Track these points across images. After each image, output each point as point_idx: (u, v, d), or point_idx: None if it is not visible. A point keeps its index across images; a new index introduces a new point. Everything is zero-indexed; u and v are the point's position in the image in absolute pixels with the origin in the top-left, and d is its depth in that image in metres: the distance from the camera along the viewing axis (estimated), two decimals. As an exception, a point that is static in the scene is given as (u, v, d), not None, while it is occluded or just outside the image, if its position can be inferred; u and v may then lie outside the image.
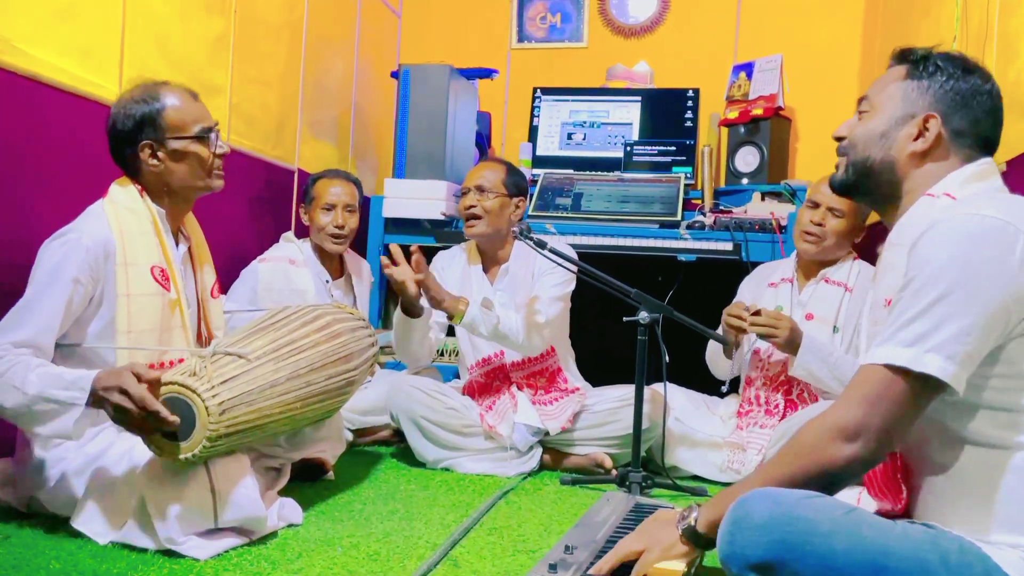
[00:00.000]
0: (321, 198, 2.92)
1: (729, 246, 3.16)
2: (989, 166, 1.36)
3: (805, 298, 2.65)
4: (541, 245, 2.43)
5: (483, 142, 4.03)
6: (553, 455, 2.67)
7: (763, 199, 3.45)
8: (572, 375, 2.79)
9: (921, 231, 1.23)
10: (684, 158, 4.04)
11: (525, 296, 2.67)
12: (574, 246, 3.02)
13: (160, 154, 1.97)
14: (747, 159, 3.85)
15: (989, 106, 1.36)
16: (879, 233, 3.17)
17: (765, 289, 2.73)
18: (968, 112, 1.36)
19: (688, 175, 3.86)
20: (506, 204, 2.73)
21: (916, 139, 1.37)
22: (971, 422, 1.23)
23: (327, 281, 2.94)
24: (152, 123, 1.95)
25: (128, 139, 1.96)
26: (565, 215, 3.53)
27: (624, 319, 2.31)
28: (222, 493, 1.74)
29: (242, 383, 1.73)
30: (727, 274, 3.48)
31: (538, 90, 4.26)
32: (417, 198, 3.41)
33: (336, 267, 3.02)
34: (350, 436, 2.76)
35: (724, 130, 4.09)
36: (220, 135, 2.07)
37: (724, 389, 2.66)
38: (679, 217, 3.44)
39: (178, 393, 1.65)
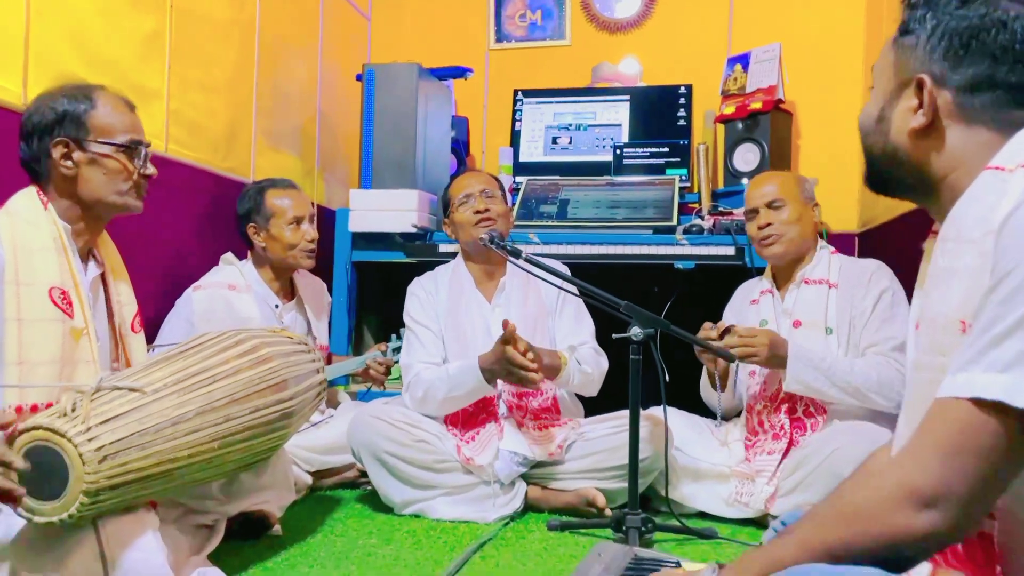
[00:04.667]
0: (284, 212, 2.60)
1: (731, 250, 2.84)
2: None
3: (789, 305, 2.38)
4: (515, 254, 2.12)
5: (460, 148, 3.73)
6: (540, 491, 2.33)
7: (767, 198, 3.11)
8: (573, 404, 2.48)
9: (1008, 212, 0.86)
10: (678, 159, 3.72)
11: (525, 313, 2.38)
12: (560, 257, 2.71)
13: (75, 156, 1.69)
14: (746, 157, 3.54)
15: (1008, 39, 0.95)
16: (897, 230, 2.87)
17: (747, 308, 2.48)
18: (977, 57, 0.97)
19: (683, 177, 3.55)
20: (508, 210, 2.52)
21: (916, 112, 1.01)
22: None
23: (276, 306, 2.61)
24: (75, 120, 1.69)
25: (42, 132, 1.69)
26: (550, 224, 3.20)
27: (614, 336, 1.98)
28: (114, 560, 1.41)
29: (131, 422, 1.41)
30: (729, 282, 3.15)
31: (519, 92, 3.97)
32: (386, 210, 3.09)
33: (286, 289, 2.69)
34: (309, 479, 2.43)
35: (720, 127, 3.77)
36: (149, 156, 1.77)
37: (716, 424, 2.33)
38: (675, 221, 3.12)
39: (43, 440, 1.33)
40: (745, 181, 3.48)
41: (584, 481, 2.26)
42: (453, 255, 2.92)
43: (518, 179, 3.66)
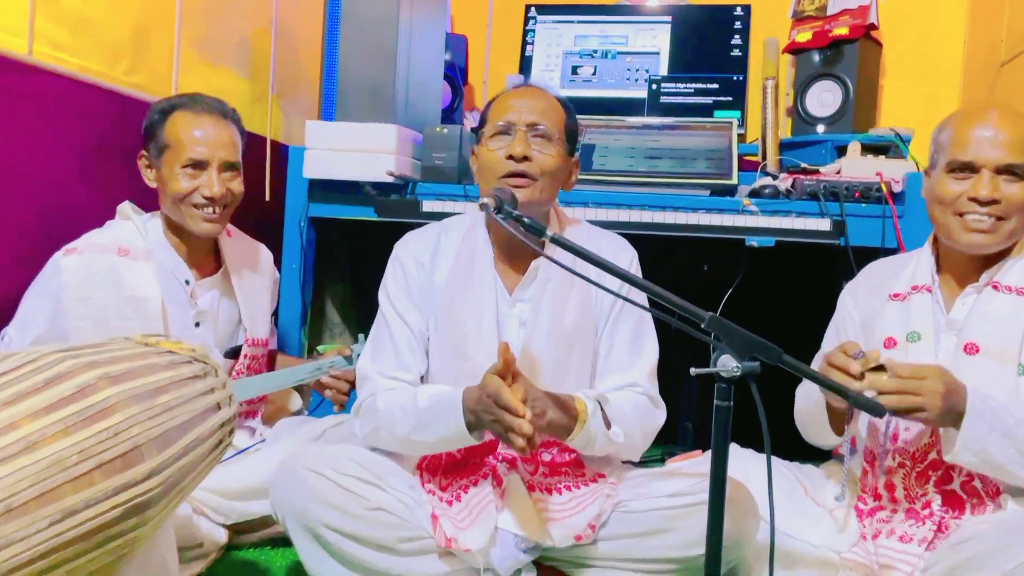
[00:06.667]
0: (181, 146, 1.79)
1: (825, 224, 2.07)
2: None
3: (960, 316, 1.58)
4: (537, 232, 1.34)
5: (456, 75, 2.93)
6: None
7: (863, 153, 2.35)
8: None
9: None
10: (731, 98, 2.95)
11: (560, 324, 1.60)
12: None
13: None
14: (823, 98, 2.76)
15: None
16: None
17: (885, 304, 1.65)
18: None
19: (738, 121, 2.77)
20: (565, 163, 1.65)
21: None
22: None
23: (187, 282, 1.83)
24: None
25: None
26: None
27: (693, 372, 1.23)
28: None
29: None
30: (809, 264, 2.40)
31: (532, 8, 3.16)
32: (353, 150, 2.30)
33: (205, 257, 1.90)
34: (223, 536, 1.70)
35: (784, 60, 2.98)
36: None
37: (837, 498, 1.58)
38: (735, 180, 2.35)
39: None
40: (821, 128, 2.72)
41: (625, 571, 1.52)
42: (440, 218, 2.16)
43: (528, 117, 2.88)
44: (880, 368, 1.42)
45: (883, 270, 1.74)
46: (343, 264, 2.80)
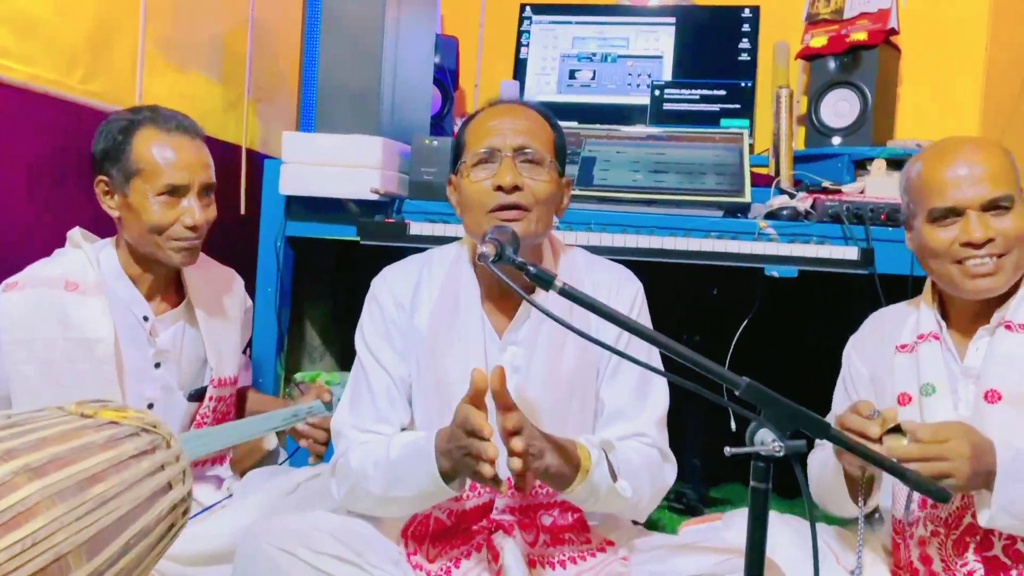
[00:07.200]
0: (156, 171, 1.56)
1: (853, 252, 1.89)
2: None
3: (974, 363, 1.44)
4: (545, 282, 1.14)
5: (447, 79, 2.74)
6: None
7: (887, 169, 2.17)
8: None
9: None
10: (738, 106, 2.77)
11: (557, 368, 1.41)
12: (588, 249, 1.77)
13: None
14: (839, 108, 2.59)
15: None
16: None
17: (893, 357, 1.52)
18: None
19: (748, 131, 2.60)
20: (558, 187, 1.45)
21: None
22: None
23: (145, 318, 1.63)
24: None
25: None
26: (573, 193, 2.23)
27: (728, 452, 1.05)
28: None
29: None
30: (830, 292, 2.24)
31: (527, 8, 2.97)
32: (334, 164, 2.11)
33: (166, 288, 1.69)
34: (182, 607, 1.51)
35: (796, 66, 2.81)
36: None
37: (855, 573, 1.40)
38: (747, 198, 2.17)
39: None
40: (836, 140, 2.54)
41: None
42: (430, 242, 1.97)
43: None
44: (897, 429, 1.27)
45: (887, 321, 1.60)
46: (324, 283, 2.61)
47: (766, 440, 1.04)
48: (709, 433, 2.33)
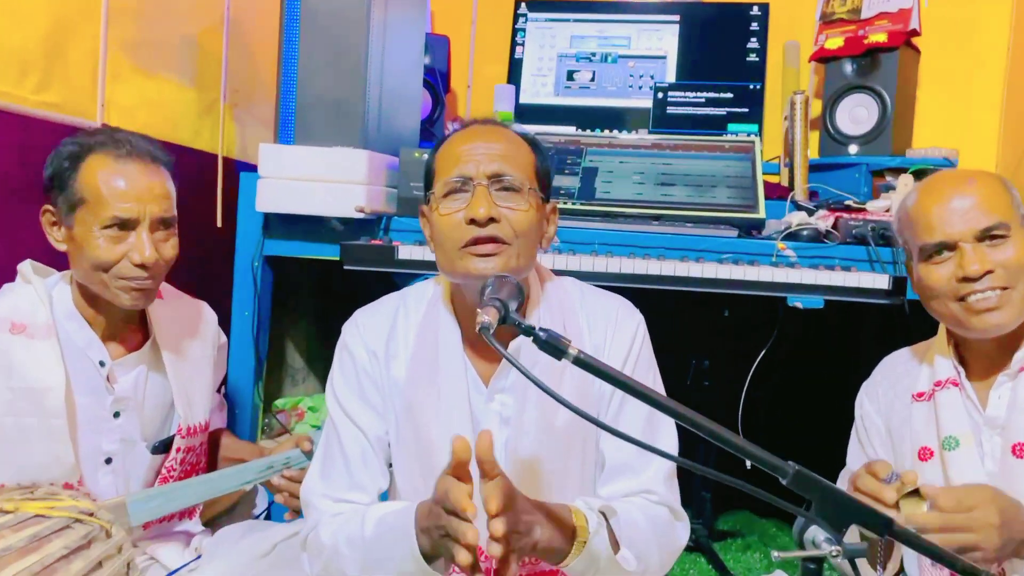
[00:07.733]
0: (100, 203, 1.37)
1: (883, 281, 1.73)
2: None
3: (998, 412, 1.32)
4: (555, 351, 0.96)
5: (437, 82, 2.57)
6: None
7: (915, 183, 2.01)
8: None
9: None
10: (746, 110, 2.62)
11: (551, 421, 1.25)
12: (586, 277, 1.62)
13: None
14: (856, 114, 2.44)
15: None
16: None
17: (910, 407, 1.39)
18: None
19: (758, 138, 2.44)
20: (541, 215, 1.27)
21: None
22: None
23: (101, 363, 1.46)
24: None
25: None
26: (570, 208, 2.07)
27: (776, 557, 0.89)
28: None
29: None
30: (856, 319, 2.09)
31: (523, 4, 2.80)
32: (315, 179, 1.94)
33: (128, 329, 1.50)
34: None
35: (807, 69, 2.66)
36: None
37: None
38: (761, 213, 2.02)
39: None
40: (854, 149, 2.39)
41: None
42: (420, 267, 1.81)
43: (519, 131, 2.53)
44: (916, 492, 1.15)
45: (900, 365, 1.47)
46: (307, 300, 2.45)
47: (818, 540, 0.89)
48: (720, 464, 2.18)
